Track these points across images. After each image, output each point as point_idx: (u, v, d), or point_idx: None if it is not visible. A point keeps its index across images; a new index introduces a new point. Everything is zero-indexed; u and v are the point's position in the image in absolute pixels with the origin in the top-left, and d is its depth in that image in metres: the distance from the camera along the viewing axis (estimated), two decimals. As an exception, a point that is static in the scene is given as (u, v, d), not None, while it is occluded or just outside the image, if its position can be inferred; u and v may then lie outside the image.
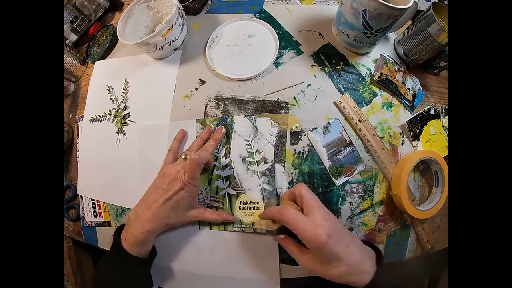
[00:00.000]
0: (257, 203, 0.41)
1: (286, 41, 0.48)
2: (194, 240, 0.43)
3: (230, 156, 0.43)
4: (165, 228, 0.40)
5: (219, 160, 0.43)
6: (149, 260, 0.41)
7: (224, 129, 0.44)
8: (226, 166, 0.43)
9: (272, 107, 0.44)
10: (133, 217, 0.39)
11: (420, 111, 0.46)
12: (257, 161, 0.42)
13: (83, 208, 0.51)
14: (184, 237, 0.43)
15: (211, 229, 0.42)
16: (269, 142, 0.43)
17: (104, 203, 0.49)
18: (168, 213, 0.38)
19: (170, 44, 0.47)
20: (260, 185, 0.42)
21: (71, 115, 0.57)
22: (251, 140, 0.43)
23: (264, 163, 0.42)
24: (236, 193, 0.42)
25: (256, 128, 0.43)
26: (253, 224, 0.41)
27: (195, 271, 0.43)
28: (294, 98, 0.44)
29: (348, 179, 0.42)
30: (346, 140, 0.43)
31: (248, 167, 0.42)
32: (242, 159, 0.43)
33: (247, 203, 0.41)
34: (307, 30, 0.49)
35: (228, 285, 0.43)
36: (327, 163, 0.42)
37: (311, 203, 0.33)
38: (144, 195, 0.41)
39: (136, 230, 0.37)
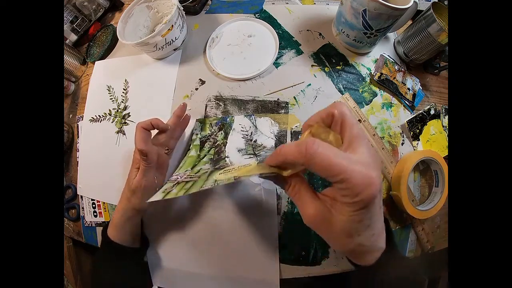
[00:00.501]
0: (249, 164, 0.32)
1: (286, 41, 0.48)
2: (193, 239, 0.43)
3: (225, 149, 0.43)
4: (131, 206, 0.38)
5: (211, 151, 0.43)
6: (133, 250, 0.40)
7: (186, 105, 0.43)
8: (219, 155, 0.42)
9: (272, 107, 0.44)
10: None
11: (420, 111, 0.46)
12: (254, 148, 0.41)
13: (83, 208, 0.51)
14: (183, 236, 0.43)
15: (165, 198, 0.31)
16: (269, 137, 0.42)
17: (104, 203, 0.49)
18: (125, 186, 0.39)
19: (170, 44, 0.47)
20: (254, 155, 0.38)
21: (71, 115, 0.57)
22: (250, 135, 0.43)
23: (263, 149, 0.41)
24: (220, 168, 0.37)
25: (256, 128, 0.43)
26: (235, 178, 0.28)
27: (195, 271, 0.43)
28: (294, 98, 0.44)
29: (348, 179, 0.42)
30: (346, 140, 0.43)
31: (243, 154, 0.42)
32: (239, 150, 0.42)
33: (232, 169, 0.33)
34: (307, 30, 0.49)
35: (228, 285, 0.43)
36: (327, 163, 0.42)
37: (357, 132, 0.21)
38: None
39: (114, 211, 0.40)
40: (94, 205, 0.50)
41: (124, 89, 0.51)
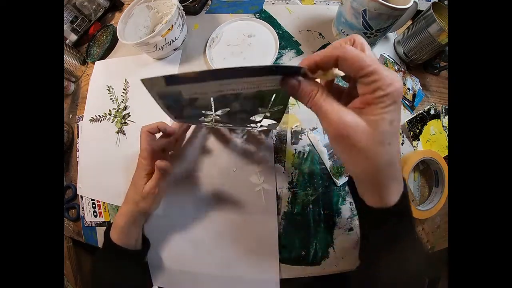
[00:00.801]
0: None
1: (286, 41, 0.48)
2: (193, 239, 0.43)
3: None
4: (138, 210, 0.38)
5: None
6: (135, 252, 0.40)
7: None
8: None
9: (272, 107, 0.44)
10: None
11: (420, 111, 0.46)
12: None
13: (83, 208, 0.51)
14: (183, 237, 0.44)
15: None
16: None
17: (104, 203, 0.49)
18: (131, 190, 0.39)
19: (170, 44, 0.47)
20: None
21: (71, 115, 0.57)
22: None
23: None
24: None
25: (256, 128, 0.44)
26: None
27: (195, 271, 0.43)
28: (294, 98, 0.44)
29: (348, 179, 0.42)
30: (346, 140, 0.43)
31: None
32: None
33: None
34: (307, 30, 0.49)
35: (228, 285, 0.43)
36: (328, 163, 0.42)
37: (374, 56, 0.24)
38: None
39: (117, 214, 0.39)
40: (94, 205, 0.50)
41: (124, 89, 0.51)
